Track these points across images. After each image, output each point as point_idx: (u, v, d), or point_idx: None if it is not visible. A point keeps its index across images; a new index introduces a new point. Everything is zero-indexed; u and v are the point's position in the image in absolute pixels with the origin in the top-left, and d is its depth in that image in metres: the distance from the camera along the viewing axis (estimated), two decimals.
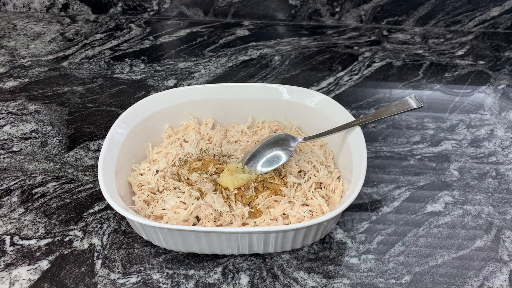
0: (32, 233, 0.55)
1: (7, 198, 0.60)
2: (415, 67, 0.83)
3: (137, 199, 0.55)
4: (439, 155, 0.66)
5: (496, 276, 0.51)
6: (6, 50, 0.87)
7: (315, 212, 0.54)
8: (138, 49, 0.88)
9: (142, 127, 0.61)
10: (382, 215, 0.58)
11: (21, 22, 0.94)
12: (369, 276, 0.51)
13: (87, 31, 0.92)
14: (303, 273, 0.51)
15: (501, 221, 0.57)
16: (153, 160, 0.61)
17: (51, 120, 0.71)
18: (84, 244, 0.54)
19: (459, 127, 0.71)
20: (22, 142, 0.68)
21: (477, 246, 0.55)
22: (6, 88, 0.78)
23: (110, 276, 0.51)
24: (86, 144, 0.67)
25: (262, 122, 0.66)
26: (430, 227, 0.57)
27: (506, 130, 0.71)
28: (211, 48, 0.89)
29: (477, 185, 0.62)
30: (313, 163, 0.59)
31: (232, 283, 0.50)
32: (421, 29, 0.93)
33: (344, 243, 0.55)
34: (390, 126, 0.71)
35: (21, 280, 0.50)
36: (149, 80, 0.80)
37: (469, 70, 0.82)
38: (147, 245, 0.54)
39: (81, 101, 0.75)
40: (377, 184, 0.62)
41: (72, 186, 0.61)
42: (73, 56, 0.86)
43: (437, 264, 0.53)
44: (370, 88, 0.78)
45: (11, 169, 0.63)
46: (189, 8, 0.96)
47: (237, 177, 0.56)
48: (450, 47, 0.88)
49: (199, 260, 0.53)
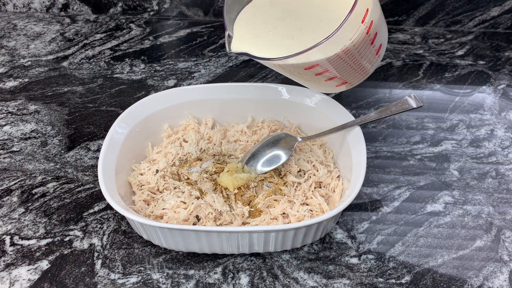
0: (32, 233, 0.55)
1: (7, 198, 0.60)
2: (415, 67, 0.83)
3: (137, 199, 0.56)
4: (439, 155, 0.66)
5: (496, 276, 0.51)
6: (6, 50, 0.87)
7: (315, 211, 0.54)
8: (138, 49, 0.88)
9: (142, 127, 0.61)
10: (382, 215, 0.58)
11: (21, 22, 0.94)
12: (369, 276, 0.51)
13: (87, 31, 0.92)
14: (303, 273, 0.51)
15: (501, 221, 0.57)
16: (153, 160, 0.61)
17: (51, 120, 0.71)
18: (84, 244, 0.54)
19: (459, 127, 0.71)
20: (22, 142, 0.68)
21: (477, 246, 0.55)
22: (6, 88, 0.78)
23: (110, 276, 0.51)
24: (86, 144, 0.67)
25: (261, 122, 0.66)
26: (430, 227, 0.57)
27: (506, 130, 0.71)
28: (211, 48, 0.89)
29: (477, 185, 0.62)
30: (312, 162, 0.59)
31: (232, 283, 0.50)
32: (421, 29, 0.93)
33: (344, 243, 0.55)
34: (390, 126, 0.71)
35: (21, 280, 0.50)
36: (149, 80, 0.80)
37: (469, 70, 0.83)
38: (147, 245, 0.54)
39: (81, 101, 0.75)
40: (377, 184, 0.62)
41: (72, 186, 0.61)
42: (73, 56, 0.86)
43: (437, 264, 0.53)
44: (370, 88, 0.78)
45: (11, 169, 0.63)
46: (189, 8, 0.96)
47: (237, 177, 0.56)
48: (450, 47, 0.88)
49: (199, 260, 0.53)
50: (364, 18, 0.45)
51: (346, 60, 0.48)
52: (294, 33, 0.51)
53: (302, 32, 0.51)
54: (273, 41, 0.51)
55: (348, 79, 0.53)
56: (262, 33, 0.52)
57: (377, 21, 0.49)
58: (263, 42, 0.51)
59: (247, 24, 0.53)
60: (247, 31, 0.52)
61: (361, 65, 0.51)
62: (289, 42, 0.50)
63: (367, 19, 0.46)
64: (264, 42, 0.51)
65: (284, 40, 0.51)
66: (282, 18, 0.52)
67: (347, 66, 0.50)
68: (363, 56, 0.50)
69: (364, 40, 0.47)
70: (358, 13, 0.45)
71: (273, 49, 0.50)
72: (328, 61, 0.47)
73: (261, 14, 0.53)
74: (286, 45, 0.50)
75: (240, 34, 0.52)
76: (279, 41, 0.51)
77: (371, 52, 0.51)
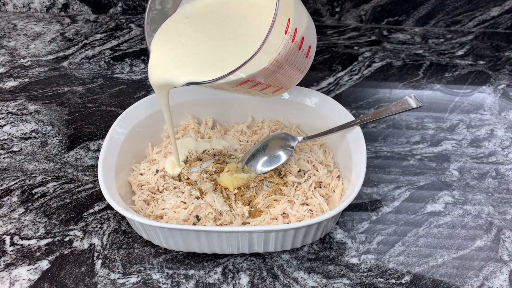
0: (32, 233, 0.55)
1: (7, 198, 0.60)
2: (415, 67, 0.83)
3: (137, 199, 0.56)
4: (439, 155, 0.66)
5: (496, 276, 0.51)
6: (6, 50, 0.87)
7: (315, 211, 0.54)
8: (138, 49, 0.88)
9: (142, 127, 0.61)
10: (382, 215, 0.58)
11: (21, 22, 0.94)
12: (369, 276, 0.51)
13: (87, 31, 0.92)
14: (303, 273, 0.51)
15: (501, 221, 0.57)
16: (153, 160, 0.61)
17: (51, 120, 0.71)
18: (84, 244, 0.54)
19: (459, 127, 0.71)
20: (22, 142, 0.68)
21: (477, 246, 0.55)
22: (6, 88, 0.78)
23: (110, 276, 0.51)
24: (86, 144, 0.67)
25: (261, 122, 0.66)
26: (430, 227, 0.57)
27: (506, 130, 0.71)
28: None
29: (477, 185, 0.62)
30: (312, 162, 0.59)
31: (232, 283, 0.50)
32: (421, 29, 0.93)
33: (344, 243, 0.55)
34: (390, 126, 0.71)
35: (21, 280, 0.50)
36: (149, 80, 0.80)
37: (469, 70, 0.83)
38: (147, 245, 0.54)
39: (81, 101, 0.75)
40: (377, 184, 0.62)
41: (72, 186, 0.61)
42: (73, 56, 0.86)
43: (437, 264, 0.53)
44: (370, 88, 0.78)
45: (11, 169, 0.63)
46: None
47: (237, 177, 0.56)
48: (450, 47, 0.88)
49: (199, 260, 0.53)
50: (287, 28, 0.43)
51: (276, 70, 0.46)
52: (217, 53, 0.47)
53: (225, 50, 0.47)
54: (195, 62, 0.47)
55: (282, 85, 0.51)
56: (183, 55, 0.48)
57: (303, 27, 0.47)
58: (184, 65, 0.47)
59: (163, 45, 0.49)
60: (165, 53, 0.48)
61: (292, 71, 0.50)
62: (214, 62, 0.47)
63: (290, 29, 0.44)
64: (186, 64, 0.47)
65: (207, 60, 0.47)
66: (202, 38, 0.49)
67: (279, 75, 0.48)
68: (292, 63, 0.48)
69: (291, 49, 0.46)
70: (279, 27, 0.42)
71: (198, 72, 0.47)
72: (258, 75, 0.45)
73: (177, 34, 0.50)
74: (211, 66, 0.46)
75: (158, 55, 0.48)
76: (202, 63, 0.47)
77: (301, 56, 0.49)
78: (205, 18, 0.50)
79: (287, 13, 0.44)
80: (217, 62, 0.46)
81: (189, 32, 0.49)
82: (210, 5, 0.51)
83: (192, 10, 0.51)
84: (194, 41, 0.49)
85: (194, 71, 0.46)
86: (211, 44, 0.48)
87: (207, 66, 0.46)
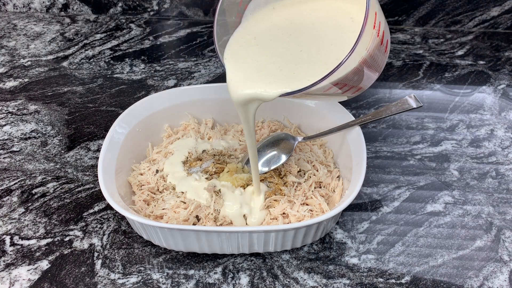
0: (32, 233, 0.55)
1: (7, 198, 0.60)
2: (415, 67, 0.83)
3: (137, 199, 0.56)
4: (439, 155, 0.66)
5: (496, 276, 0.51)
6: (6, 50, 0.87)
7: (315, 211, 0.54)
8: (138, 49, 0.88)
9: (142, 127, 0.61)
10: (382, 215, 0.58)
11: (21, 22, 0.94)
12: (369, 276, 0.51)
13: (87, 31, 0.92)
14: (303, 273, 0.51)
15: (501, 221, 0.57)
16: (153, 160, 0.61)
17: (51, 120, 0.71)
18: (84, 244, 0.54)
19: (459, 127, 0.71)
20: (22, 142, 0.68)
21: (477, 246, 0.55)
22: (6, 88, 0.78)
23: (110, 276, 0.51)
24: (86, 144, 0.67)
25: (261, 122, 0.66)
26: (430, 227, 0.57)
27: (506, 130, 0.71)
28: (211, 48, 0.89)
29: (477, 185, 0.62)
30: (312, 162, 0.59)
31: (232, 283, 0.50)
32: (421, 29, 0.93)
33: (344, 243, 0.55)
34: (390, 126, 0.71)
35: (21, 280, 0.50)
36: (149, 80, 0.80)
37: (469, 70, 0.83)
38: (147, 245, 0.54)
39: (81, 101, 0.75)
40: (377, 184, 0.62)
41: (72, 186, 0.61)
42: (73, 56, 0.86)
43: (437, 264, 0.53)
44: (370, 88, 0.78)
45: (11, 169, 0.63)
46: (189, 8, 0.96)
47: (237, 177, 0.56)
48: (450, 47, 0.88)
49: (199, 260, 0.53)
50: (375, 22, 0.42)
51: (362, 69, 0.45)
52: (296, 65, 0.46)
53: (305, 61, 0.47)
54: (280, 75, 0.46)
55: (362, 85, 0.51)
56: (270, 67, 0.47)
57: (383, 19, 0.46)
58: (274, 76, 0.46)
59: (241, 60, 0.48)
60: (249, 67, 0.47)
61: (373, 68, 0.48)
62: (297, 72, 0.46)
63: (377, 23, 0.42)
64: (276, 76, 0.46)
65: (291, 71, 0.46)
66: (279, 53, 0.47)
67: (363, 74, 0.47)
68: (376, 59, 0.47)
69: (377, 44, 0.44)
70: (370, 21, 0.41)
71: (287, 83, 0.45)
72: (348, 76, 0.44)
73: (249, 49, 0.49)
74: (296, 76, 0.46)
75: (237, 69, 0.47)
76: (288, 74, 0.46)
77: (382, 51, 0.48)
78: (275, 35, 0.49)
79: (375, 6, 0.42)
80: (299, 71, 0.46)
81: (264, 48, 0.48)
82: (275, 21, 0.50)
83: (259, 25, 0.50)
84: (271, 55, 0.48)
85: (283, 83, 0.45)
86: (288, 56, 0.47)
87: (292, 77, 0.45)
